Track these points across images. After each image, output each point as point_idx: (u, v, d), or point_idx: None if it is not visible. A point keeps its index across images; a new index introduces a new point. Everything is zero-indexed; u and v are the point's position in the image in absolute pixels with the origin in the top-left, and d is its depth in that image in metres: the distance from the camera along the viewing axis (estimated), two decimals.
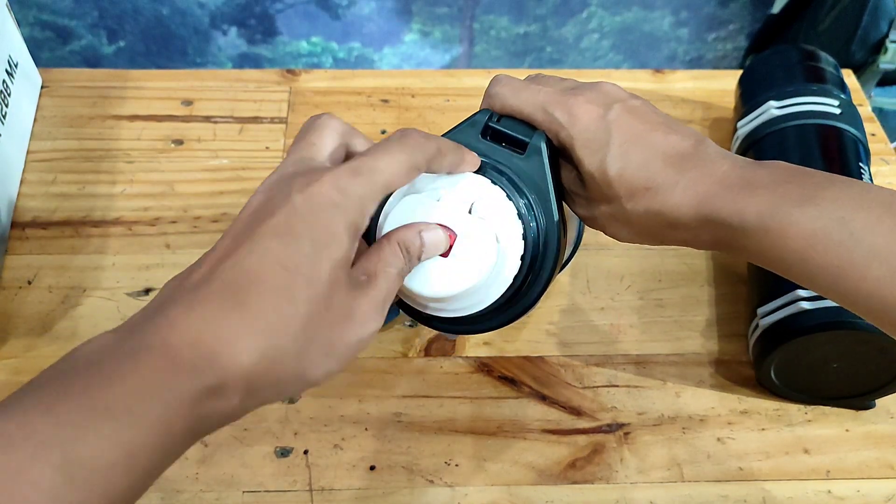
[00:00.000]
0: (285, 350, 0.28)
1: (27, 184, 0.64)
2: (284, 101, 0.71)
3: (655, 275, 0.61)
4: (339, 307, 0.30)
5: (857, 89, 0.73)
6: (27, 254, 0.60)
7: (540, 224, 0.37)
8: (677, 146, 0.37)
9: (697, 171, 0.36)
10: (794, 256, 0.33)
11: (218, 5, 1.25)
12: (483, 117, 0.39)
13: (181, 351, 0.26)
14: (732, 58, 1.39)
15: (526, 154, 0.38)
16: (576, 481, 0.51)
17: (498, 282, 0.36)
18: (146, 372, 0.26)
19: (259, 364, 0.27)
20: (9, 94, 0.63)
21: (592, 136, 0.37)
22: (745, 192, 0.35)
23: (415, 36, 1.32)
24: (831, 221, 0.32)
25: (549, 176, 0.38)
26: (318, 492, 0.50)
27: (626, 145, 0.37)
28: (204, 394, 0.27)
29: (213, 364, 0.27)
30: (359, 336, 0.31)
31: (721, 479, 0.52)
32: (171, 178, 0.65)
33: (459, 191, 0.36)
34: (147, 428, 0.25)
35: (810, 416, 0.55)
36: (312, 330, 0.29)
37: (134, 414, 0.25)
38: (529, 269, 0.37)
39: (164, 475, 0.51)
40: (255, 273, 0.28)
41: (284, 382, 0.29)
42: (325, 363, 0.30)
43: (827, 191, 0.33)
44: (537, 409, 0.54)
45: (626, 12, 1.31)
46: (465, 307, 0.37)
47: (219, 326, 0.27)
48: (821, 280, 0.33)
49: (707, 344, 0.58)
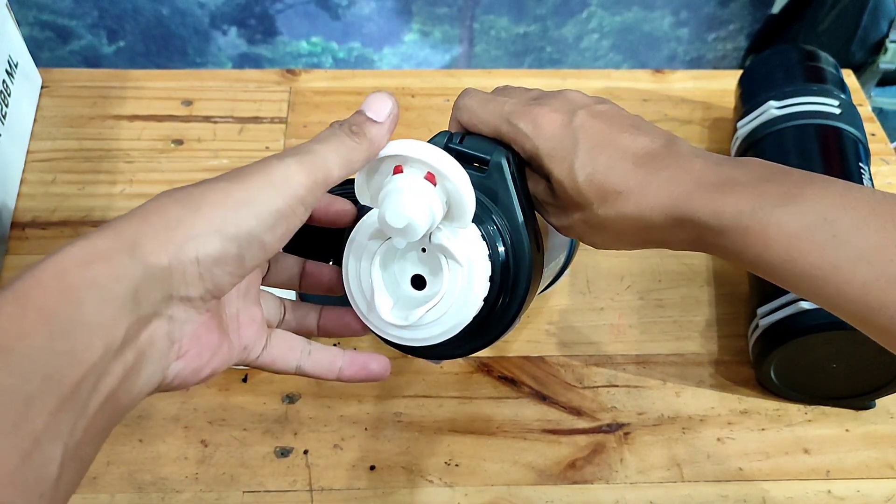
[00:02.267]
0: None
1: (27, 184, 0.64)
2: (284, 101, 0.71)
3: (655, 275, 0.61)
4: (227, 176, 0.29)
5: (857, 89, 0.73)
6: (27, 254, 0.60)
7: (507, 242, 0.36)
8: (647, 147, 0.36)
9: (670, 171, 0.35)
10: (776, 258, 0.32)
11: (218, 5, 1.25)
12: (441, 140, 0.38)
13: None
14: (732, 58, 1.39)
15: (488, 172, 0.37)
16: (576, 481, 0.51)
17: (468, 305, 0.35)
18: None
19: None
20: (9, 94, 0.63)
21: (558, 144, 0.36)
22: (721, 190, 0.33)
23: (415, 36, 1.32)
24: (815, 221, 0.31)
25: (513, 192, 0.37)
26: (318, 492, 0.50)
27: (594, 150, 0.36)
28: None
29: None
30: (255, 189, 0.28)
31: (721, 479, 0.52)
32: (171, 178, 0.65)
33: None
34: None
35: (810, 416, 0.55)
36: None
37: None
38: (500, 288, 0.36)
39: (165, 475, 0.51)
40: None
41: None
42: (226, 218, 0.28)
43: (808, 189, 0.32)
44: (537, 409, 0.54)
45: (626, 12, 1.31)
46: (439, 334, 0.36)
47: (107, 225, 0.27)
48: (803, 283, 0.31)
49: (707, 344, 0.58)
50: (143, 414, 0.52)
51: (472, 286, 0.35)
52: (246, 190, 0.28)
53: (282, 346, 0.36)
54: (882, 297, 0.29)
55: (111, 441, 0.51)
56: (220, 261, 0.28)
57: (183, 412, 0.52)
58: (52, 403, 0.24)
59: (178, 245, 0.27)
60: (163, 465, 0.50)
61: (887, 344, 0.31)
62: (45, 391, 0.24)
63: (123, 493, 0.49)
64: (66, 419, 0.25)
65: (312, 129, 0.69)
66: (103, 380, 0.26)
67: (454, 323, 0.35)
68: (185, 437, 0.51)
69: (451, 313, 0.35)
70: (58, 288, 0.25)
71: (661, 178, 0.35)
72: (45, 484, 0.24)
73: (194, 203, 0.27)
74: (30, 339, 0.24)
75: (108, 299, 0.25)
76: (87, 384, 0.25)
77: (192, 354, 0.30)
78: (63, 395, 0.24)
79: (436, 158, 0.32)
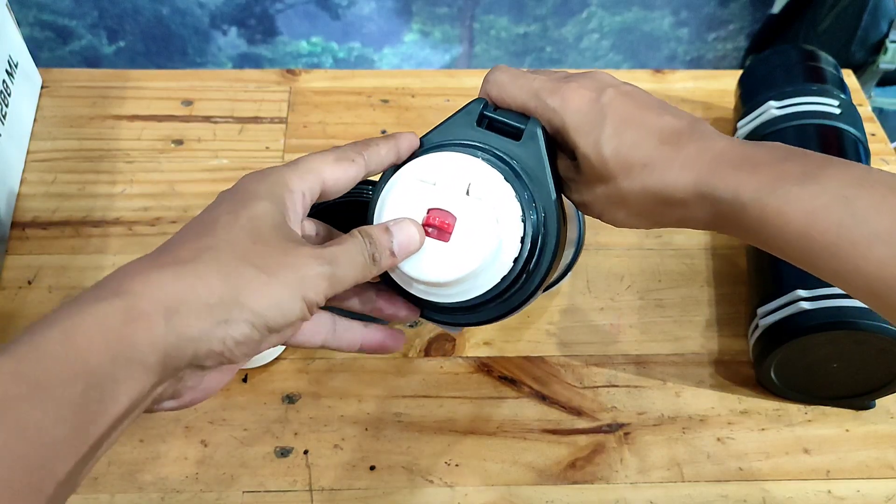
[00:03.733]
0: (198, 292, 0.29)
1: (27, 184, 0.64)
2: (284, 101, 0.71)
3: (655, 275, 0.61)
4: (263, 255, 0.31)
5: (857, 89, 0.73)
6: (27, 254, 0.60)
7: (539, 208, 0.37)
8: (672, 125, 0.37)
9: (694, 148, 0.35)
10: (793, 235, 0.32)
11: (218, 5, 1.25)
12: (477, 106, 0.39)
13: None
14: (732, 58, 1.39)
15: (522, 140, 0.38)
16: (576, 481, 0.51)
17: (497, 265, 0.36)
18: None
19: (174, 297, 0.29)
20: (9, 94, 0.63)
21: (586, 119, 0.37)
22: (743, 168, 0.34)
23: (415, 36, 1.32)
24: (833, 200, 0.31)
25: (546, 160, 0.37)
26: (318, 492, 0.50)
27: (621, 125, 0.36)
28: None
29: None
30: (287, 290, 0.31)
31: (721, 479, 0.52)
32: (171, 178, 0.65)
33: (455, 173, 0.36)
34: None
35: (810, 416, 0.55)
36: (232, 272, 0.30)
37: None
38: (530, 254, 0.37)
39: (165, 475, 0.51)
40: (181, 235, 0.32)
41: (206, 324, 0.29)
42: (247, 313, 0.30)
43: (828, 170, 0.32)
44: (537, 409, 0.54)
45: (626, 12, 1.31)
46: (464, 291, 0.36)
47: (147, 279, 0.29)
48: (820, 260, 0.32)
49: (707, 344, 0.58)
50: (144, 414, 0.52)
51: (503, 247, 0.35)
52: (280, 289, 0.30)
53: (311, 326, 0.37)
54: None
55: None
56: (242, 344, 0.30)
57: (183, 412, 0.52)
58: (78, 452, 0.25)
59: (213, 324, 0.29)
60: (163, 465, 0.50)
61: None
62: (74, 439, 0.25)
63: (123, 493, 0.49)
64: (82, 465, 0.26)
65: (312, 129, 0.69)
66: (119, 428, 0.28)
67: (479, 283, 0.36)
68: (185, 437, 0.51)
69: (477, 273, 0.35)
70: (99, 342, 0.26)
71: (685, 155, 0.35)
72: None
73: (234, 285, 0.29)
74: (69, 387, 0.25)
75: (140, 360, 0.27)
76: (108, 434, 0.27)
77: (186, 398, 0.32)
78: (90, 445, 0.26)
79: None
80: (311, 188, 0.35)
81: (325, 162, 0.36)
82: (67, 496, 0.26)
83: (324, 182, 0.35)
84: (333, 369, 0.55)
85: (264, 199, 0.33)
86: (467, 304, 0.37)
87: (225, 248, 0.30)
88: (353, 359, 0.56)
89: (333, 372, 0.55)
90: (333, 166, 0.36)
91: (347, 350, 0.39)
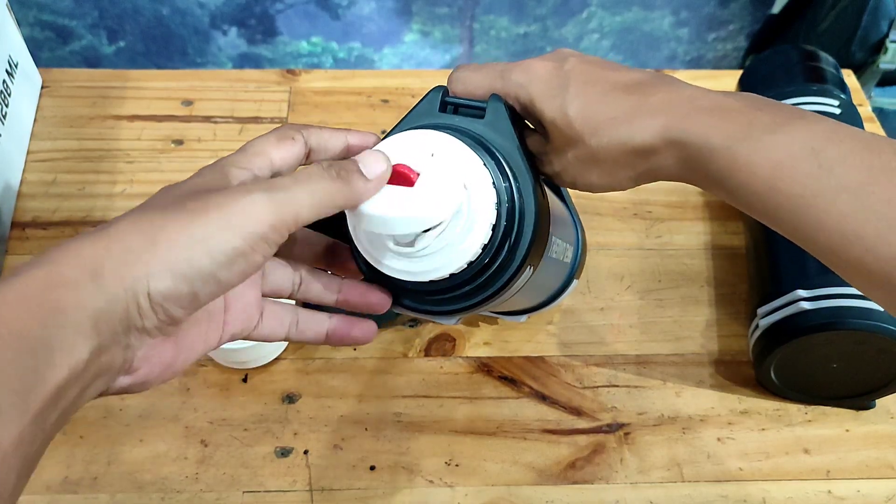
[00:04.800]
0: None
1: (27, 184, 0.64)
2: (284, 101, 0.71)
3: (655, 275, 0.61)
4: (185, 204, 0.29)
5: (857, 89, 0.73)
6: (27, 254, 0.60)
7: (511, 178, 0.36)
8: (637, 77, 0.36)
9: (662, 96, 0.35)
10: (759, 184, 0.32)
11: (218, 5, 1.25)
12: (437, 94, 0.39)
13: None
14: (732, 58, 1.39)
15: (486, 118, 0.37)
16: (576, 481, 0.51)
17: (473, 233, 0.34)
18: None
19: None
20: (9, 94, 0.63)
21: (550, 86, 0.37)
22: (714, 114, 0.33)
23: (415, 36, 1.32)
24: (802, 150, 0.31)
25: (513, 133, 0.37)
26: (318, 492, 0.50)
27: (584, 85, 0.36)
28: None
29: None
30: (213, 227, 0.28)
31: (721, 479, 0.52)
32: (171, 178, 0.64)
33: (418, 145, 0.35)
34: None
35: (810, 416, 0.55)
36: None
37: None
38: (508, 224, 0.35)
39: (165, 475, 0.51)
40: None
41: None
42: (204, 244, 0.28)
43: (799, 121, 0.32)
44: (537, 409, 0.54)
45: (626, 12, 1.31)
46: (440, 266, 0.34)
47: (68, 247, 0.28)
48: (783, 213, 0.31)
49: (707, 344, 0.58)
50: (144, 414, 0.52)
51: (476, 215, 0.34)
52: (203, 225, 0.28)
53: (271, 321, 0.36)
54: (859, 229, 0.29)
55: (111, 441, 0.51)
56: (170, 297, 0.27)
57: (183, 412, 0.52)
58: (22, 419, 0.24)
59: (134, 279, 0.27)
60: (163, 465, 0.50)
61: (858, 278, 0.31)
62: (13, 407, 0.24)
63: (123, 493, 0.49)
64: (29, 436, 0.25)
65: None
66: (63, 399, 0.26)
67: (454, 255, 0.34)
68: (185, 437, 0.51)
69: (451, 240, 0.34)
70: (24, 309, 0.25)
71: (653, 102, 0.35)
72: (3, 496, 0.24)
73: (152, 236, 0.27)
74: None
75: (72, 325, 0.25)
76: (52, 402, 0.25)
77: (141, 372, 0.30)
78: (33, 412, 0.24)
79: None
80: (260, 166, 0.34)
81: (268, 143, 0.34)
82: (24, 472, 0.25)
83: (272, 161, 0.34)
84: (333, 369, 0.55)
85: (204, 172, 0.32)
86: (447, 286, 0.36)
87: (147, 209, 0.29)
88: (353, 359, 0.56)
89: (333, 372, 0.55)
90: (277, 146, 0.34)
91: (314, 342, 0.38)
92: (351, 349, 0.56)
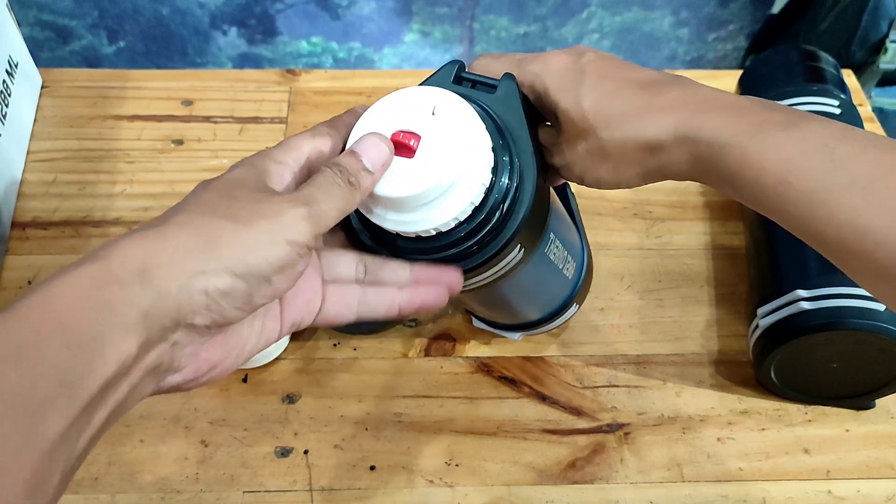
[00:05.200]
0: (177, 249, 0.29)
1: (27, 184, 0.64)
2: (284, 101, 0.71)
3: (655, 275, 0.61)
4: (234, 208, 0.30)
5: (857, 89, 0.73)
6: (27, 254, 0.60)
7: (512, 148, 0.37)
8: (652, 76, 0.37)
9: (676, 93, 0.36)
10: (771, 180, 0.32)
11: (218, 5, 1.25)
12: (452, 67, 0.39)
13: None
14: (732, 58, 1.39)
15: (497, 93, 0.38)
16: (576, 481, 0.51)
17: (466, 188, 0.34)
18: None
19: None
20: (9, 94, 0.63)
21: (565, 77, 0.38)
22: (726, 112, 0.34)
23: (415, 36, 1.32)
24: (814, 147, 0.31)
25: (522, 111, 0.37)
26: (318, 492, 0.50)
27: (600, 80, 0.37)
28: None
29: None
30: (265, 236, 0.30)
31: (721, 479, 0.52)
32: (171, 178, 0.65)
33: (420, 99, 0.35)
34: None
35: (810, 416, 0.55)
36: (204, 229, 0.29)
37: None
38: (507, 189, 0.35)
39: (165, 475, 0.51)
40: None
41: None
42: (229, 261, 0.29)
43: (812, 121, 0.33)
44: (537, 409, 0.54)
45: (626, 12, 1.31)
46: (428, 219, 0.34)
47: (119, 245, 0.29)
48: (794, 208, 0.32)
49: (707, 344, 0.58)
50: (144, 414, 0.52)
51: (471, 171, 0.34)
52: (255, 233, 0.30)
53: (336, 304, 0.37)
54: (870, 223, 0.30)
55: (111, 441, 0.51)
56: (228, 295, 0.29)
57: (183, 412, 0.52)
58: (69, 412, 0.25)
59: (189, 276, 0.28)
60: (163, 465, 0.50)
61: (867, 273, 0.31)
62: (62, 397, 0.25)
63: (123, 493, 0.49)
64: (77, 429, 0.25)
65: None
66: (112, 395, 0.27)
67: (447, 207, 0.34)
68: (185, 437, 0.51)
69: (445, 193, 0.34)
70: (75, 304, 0.26)
71: (665, 99, 0.36)
72: (48, 493, 0.25)
73: (206, 237, 0.29)
74: (47, 347, 0.25)
75: (120, 320, 0.27)
76: (100, 397, 0.26)
77: (189, 369, 0.31)
78: (80, 405, 0.25)
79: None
80: (296, 158, 0.35)
81: (302, 138, 0.36)
82: (72, 462, 0.26)
83: (306, 155, 0.35)
84: (333, 369, 0.55)
85: (241, 167, 0.33)
86: (435, 246, 0.36)
87: (195, 209, 0.30)
88: (352, 359, 0.56)
89: (333, 372, 0.55)
90: (310, 140, 0.36)
91: (386, 317, 0.37)
92: (351, 349, 0.56)
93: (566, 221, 0.48)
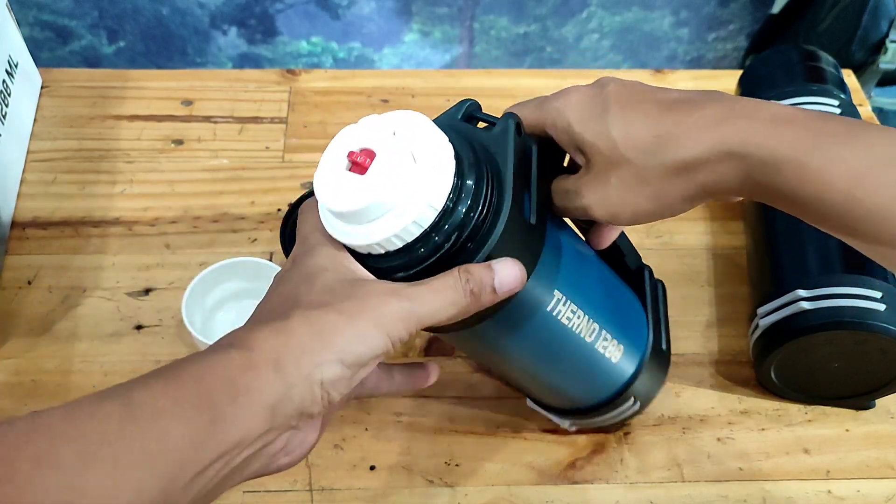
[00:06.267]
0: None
1: (27, 184, 0.64)
2: (284, 101, 0.71)
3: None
4: (342, 302, 0.32)
5: (857, 89, 0.73)
6: (27, 254, 0.60)
7: (491, 180, 0.35)
8: (681, 96, 0.35)
9: (713, 109, 0.34)
10: (837, 197, 0.30)
11: (218, 5, 1.25)
12: (463, 104, 0.39)
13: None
14: (732, 58, 1.39)
15: (494, 128, 0.37)
16: (576, 481, 0.51)
17: (413, 208, 0.33)
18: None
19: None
20: (9, 94, 0.63)
21: (589, 109, 0.36)
22: (777, 125, 0.32)
23: (415, 36, 1.32)
24: (881, 160, 0.29)
25: (511, 150, 0.36)
26: (318, 492, 0.50)
27: (626, 108, 0.35)
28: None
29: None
30: (369, 327, 0.32)
31: (721, 479, 0.52)
32: (171, 178, 0.65)
33: (387, 123, 0.35)
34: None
35: (810, 416, 0.55)
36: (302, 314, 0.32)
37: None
38: (463, 221, 0.34)
39: None
40: (270, 301, 0.35)
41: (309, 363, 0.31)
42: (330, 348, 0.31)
43: (871, 131, 0.31)
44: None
45: (626, 12, 1.31)
46: (376, 232, 0.34)
47: (256, 336, 0.32)
48: (863, 224, 0.30)
49: (707, 344, 0.58)
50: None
51: (426, 184, 0.33)
52: (362, 325, 0.32)
53: (375, 375, 0.40)
54: None
55: None
56: (336, 384, 0.31)
57: None
58: (194, 469, 0.28)
59: (310, 369, 0.31)
60: None
61: None
62: (192, 454, 0.28)
63: None
64: (195, 483, 0.29)
65: (312, 129, 0.69)
66: (228, 464, 0.30)
67: (396, 223, 0.33)
68: None
69: (399, 210, 0.33)
70: (223, 383, 0.30)
71: (702, 115, 0.34)
72: None
73: (320, 331, 0.31)
74: (199, 414, 0.29)
75: (255, 405, 0.30)
76: (217, 461, 0.29)
77: (297, 453, 0.34)
78: (201, 466, 0.29)
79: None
80: None
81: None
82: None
83: None
84: None
85: (318, 257, 0.35)
86: (388, 266, 0.35)
87: (308, 305, 0.32)
88: None
89: None
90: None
91: (400, 393, 0.42)
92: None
93: (612, 293, 0.45)
